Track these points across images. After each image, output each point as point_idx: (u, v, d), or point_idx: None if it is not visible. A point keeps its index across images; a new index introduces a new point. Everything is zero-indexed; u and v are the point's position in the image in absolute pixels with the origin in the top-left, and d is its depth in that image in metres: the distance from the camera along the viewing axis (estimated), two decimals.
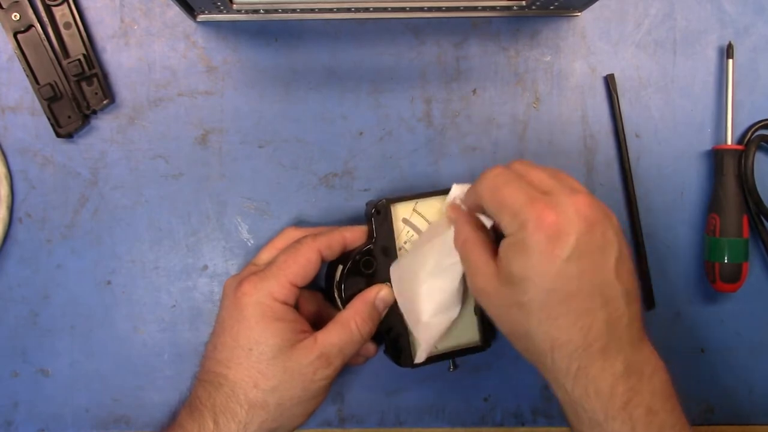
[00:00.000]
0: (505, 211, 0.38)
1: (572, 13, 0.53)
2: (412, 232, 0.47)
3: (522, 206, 0.37)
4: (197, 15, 0.51)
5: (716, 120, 0.54)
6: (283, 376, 0.41)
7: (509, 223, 0.38)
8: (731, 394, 0.54)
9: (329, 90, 0.52)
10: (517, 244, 0.37)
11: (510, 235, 0.38)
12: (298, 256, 0.44)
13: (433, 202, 0.47)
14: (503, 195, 0.39)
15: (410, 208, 0.47)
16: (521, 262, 0.37)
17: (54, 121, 0.50)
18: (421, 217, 0.47)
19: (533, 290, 0.37)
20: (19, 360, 0.52)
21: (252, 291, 0.43)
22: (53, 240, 0.52)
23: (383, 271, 0.46)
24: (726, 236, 0.51)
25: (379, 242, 0.46)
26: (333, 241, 0.45)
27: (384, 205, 0.46)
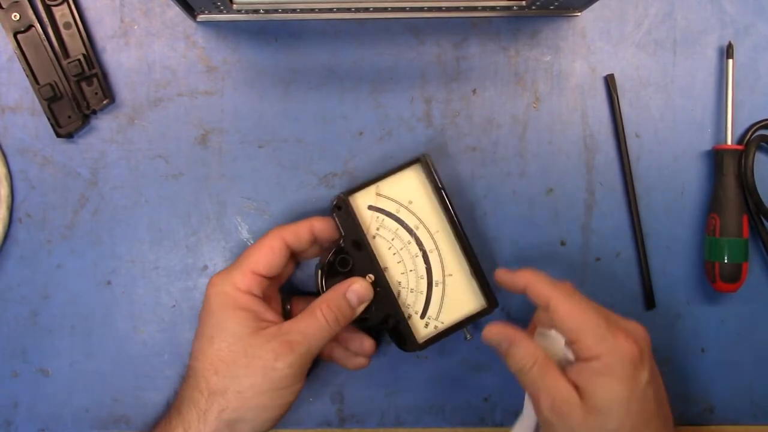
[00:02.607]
0: (588, 335, 0.39)
1: (572, 13, 0.53)
2: (382, 216, 0.47)
3: (606, 332, 0.39)
4: (197, 15, 0.51)
5: (716, 120, 0.54)
6: (242, 361, 0.41)
7: (590, 346, 0.39)
8: (731, 394, 0.54)
9: (329, 90, 0.52)
10: (603, 370, 0.38)
11: (592, 360, 0.39)
12: (262, 246, 0.44)
13: (396, 179, 0.47)
14: (587, 318, 0.39)
15: (373, 194, 0.47)
16: (609, 388, 0.38)
17: (54, 121, 0.50)
18: (386, 199, 0.47)
19: (622, 417, 0.38)
20: (19, 360, 0.52)
21: (217, 282, 0.44)
22: (53, 240, 0.52)
23: (361, 266, 0.46)
24: (726, 236, 0.51)
25: (348, 237, 0.46)
26: (299, 229, 0.45)
27: (343, 199, 0.46)
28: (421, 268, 0.47)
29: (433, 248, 0.47)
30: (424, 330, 0.47)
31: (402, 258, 0.47)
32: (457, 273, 0.47)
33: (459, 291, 0.47)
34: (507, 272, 0.44)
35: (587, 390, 0.39)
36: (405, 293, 0.47)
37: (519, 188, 0.53)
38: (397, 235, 0.47)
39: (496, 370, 0.53)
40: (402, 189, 0.47)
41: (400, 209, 0.47)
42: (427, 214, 0.47)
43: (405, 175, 0.47)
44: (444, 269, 0.47)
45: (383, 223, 0.47)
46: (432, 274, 0.47)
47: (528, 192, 0.53)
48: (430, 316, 0.47)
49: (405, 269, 0.47)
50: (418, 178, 0.48)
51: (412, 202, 0.47)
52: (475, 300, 0.48)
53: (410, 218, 0.47)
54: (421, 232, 0.47)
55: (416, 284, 0.47)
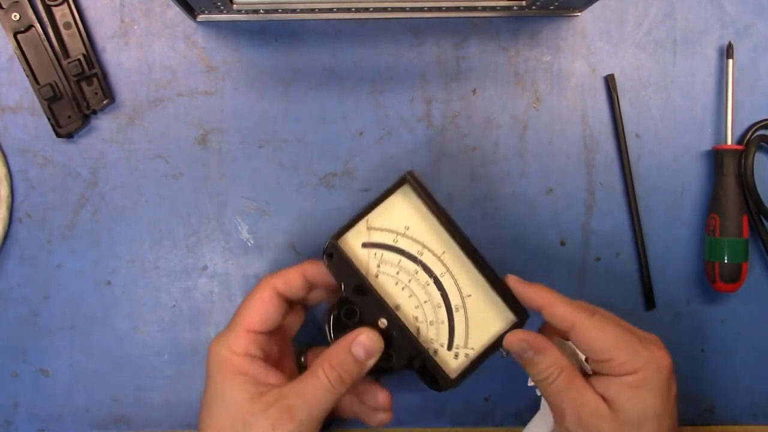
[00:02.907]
0: (621, 353, 0.38)
1: (572, 13, 0.53)
2: (380, 251, 0.42)
3: (639, 346, 0.38)
4: (197, 15, 0.51)
5: (716, 120, 0.54)
6: (241, 431, 0.38)
7: (625, 363, 0.38)
8: (731, 394, 0.54)
9: (329, 90, 0.52)
10: (638, 384, 0.38)
11: (626, 375, 0.38)
12: (252, 300, 0.41)
13: (385, 207, 0.42)
14: (616, 336, 0.38)
15: (364, 230, 0.42)
16: (644, 402, 0.37)
17: (54, 121, 0.50)
18: (380, 231, 0.42)
19: (654, 430, 0.38)
20: (19, 360, 0.52)
21: (214, 346, 0.41)
22: (53, 240, 0.52)
23: (370, 312, 0.41)
24: (726, 236, 0.51)
25: (349, 285, 0.41)
26: (291, 275, 0.42)
27: (332, 245, 0.41)
28: (435, 297, 0.43)
29: (444, 271, 0.43)
30: (455, 362, 0.43)
31: (412, 291, 0.43)
32: (476, 292, 0.43)
33: (483, 311, 0.43)
34: (520, 282, 0.41)
35: (619, 403, 0.38)
36: (425, 328, 0.43)
37: (519, 188, 0.53)
38: (402, 267, 0.43)
39: (496, 370, 0.53)
40: (394, 216, 0.43)
41: (397, 238, 0.43)
42: (428, 236, 0.43)
43: (394, 200, 0.42)
44: (461, 291, 0.43)
45: (383, 258, 0.42)
46: (449, 299, 0.43)
47: (528, 192, 0.53)
48: (457, 345, 0.43)
49: (419, 302, 0.43)
50: (408, 199, 0.43)
51: (408, 227, 0.43)
52: (502, 316, 0.43)
53: (411, 245, 0.43)
54: (427, 257, 0.43)
55: (435, 315, 0.43)
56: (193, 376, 0.53)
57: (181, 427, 0.53)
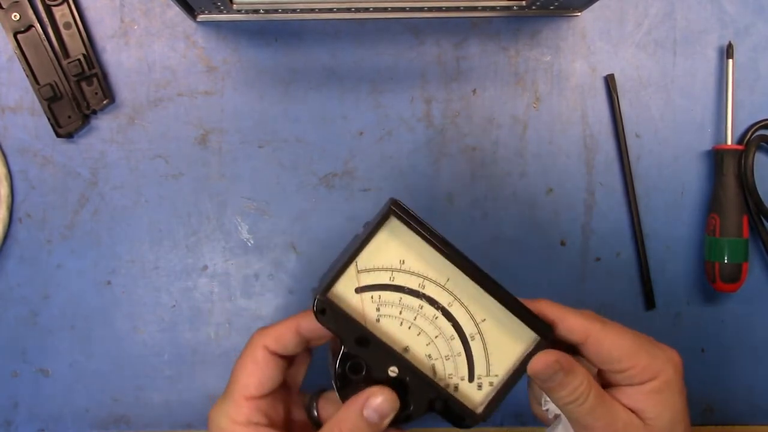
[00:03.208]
0: (641, 358, 0.36)
1: (572, 13, 0.53)
2: (377, 293, 0.38)
3: (655, 348, 0.37)
4: (197, 15, 0.51)
5: (716, 120, 0.54)
6: None
7: (646, 368, 0.36)
8: (731, 394, 0.54)
9: (329, 90, 0.52)
10: (662, 387, 0.36)
11: (649, 381, 0.36)
12: (244, 363, 0.38)
13: (373, 246, 0.38)
14: (633, 342, 0.37)
15: (353, 275, 0.38)
16: (671, 404, 0.36)
17: (54, 121, 0.50)
18: (370, 272, 0.38)
19: (685, 429, 0.37)
20: (19, 360, 0.52)
21: (214, 417, 0.38)
22: (53, 240, 0.52)
23: (377, 362, 0.38)
24: (726, 236, 0.51)
25: (348, 338, 0.37)
26: (282, 332, 0.39)
27: (322, 300, 0.37)
28: (447, 329, 0.39)
29: (451, 300, 0.39)
30: (479, 394, 0.39)
31: (420, 328, 0.39)
32: (490, 315, 0.39)
33: (501, 334, 0.39)
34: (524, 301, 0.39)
35: (649, 412, 0.36)
36: (440, 365, 0.39)
37: (519, 188, 0.53)
38: (404, 305, 0.39)
39: None
40: (385, 252, 0.38)
41: (393, 275, 0.39)
42: (427, 266, 0.39)
43: (381, 237, 0.38)
44: (474, 317, 0.39)
45: (382, 300, 0.38)
46: (462, 329, 0.39)
47: (528, 192, 0.53)
48: (479, 375, 0.39)
49: (429, 338, 0.39)
50: (397, 231, 0.38)
51: (404, 261, 0.39)
52: (523, 336, 0.39)
53: (410, 279, 0.39)
54: (430, 289, 0.39)
55: (449, 348, 0.39)
56: (193, 376, 0.53)
57: (181, 427, 0.53)
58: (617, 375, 0.37)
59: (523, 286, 0.53)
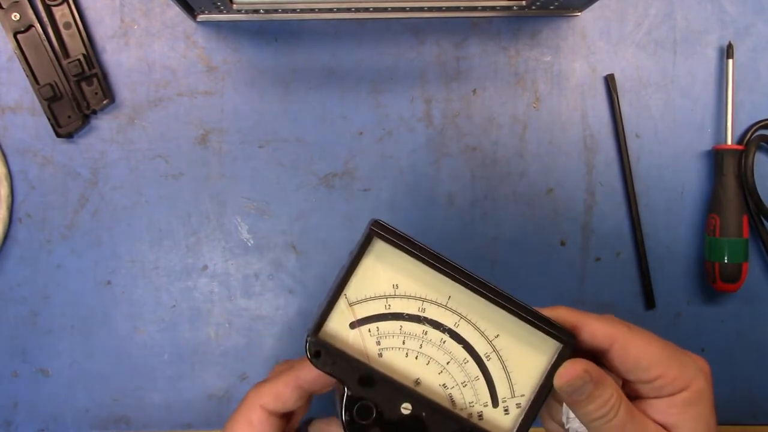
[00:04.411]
0: (672, 367, 0.33)
1: (572, 13, 0.53)
2: (375, 324, 0.35)
3: (684, 356, 0.34)
4: (197, 15, 0.51)
5: (716, 120, 0.54)
6: None
7: (677, 378, 0.33)
8: (731, 394, 0.54)
9: (329, 90, 0.52)
10: (694, 399, 0.34)
11: (680, 392, 0.34)
12: (240, 425, 0.35)
13: (361, 275, 0.35)
14: (661, 349, 0.34)
15: (344, 308, 0.35)
16: (704, 417, 0.34)
17: (54, 121, 0.50)
18: (365, 302, 0.35)
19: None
20: (19, 360, 0.52)
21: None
22: (53, 240, 0.52)
23: (387, 401, 0.34)
24: (726, 236, 0.51)
25: (351, 380, 0.34)
26: (281, 389, 0.36)
27: (314, 341, 0.34)
28: (458, 352, 0.35)
29: (457, 319, 0.36)
30: (507, 419, 0.36)
31: (429, 356, 0.35)
32: (504, 329, 0.35)
33: (519, 348, 0.35)
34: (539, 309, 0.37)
35: (681, 426, 0.33)
36: (458, 393, 0.35)
37: (519, 188, 0.53)
38: (407, 334, 0.35)
39: None
40: (375, 279, 0.35)
41: (389, 302, 0.35)
42: (424, 286, 0.35)
43: (368, 263, 0.35)
44: (485, 335, 0.36)
45: (381, 332, 0.35)
46: (475, 349, 0.36)
47: (528, 192, 0.53)
48: (503, 398, 0.36)
49: (441, 366, 0.35)
50: (383, 254, 0.35)
51: (397, 285, 0.35)
52: (544, 347, 0.35)
53: (408, 304, 0.35)
54: (432, 311, 0.35)
55: (465, 374, 0.36)
56: (193, 376, 0.53)
57: (181, 427, 0.53)
58: (645, 386, 0.34)
59: (523, 286, 0.53)
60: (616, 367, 0.34)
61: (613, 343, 0.34)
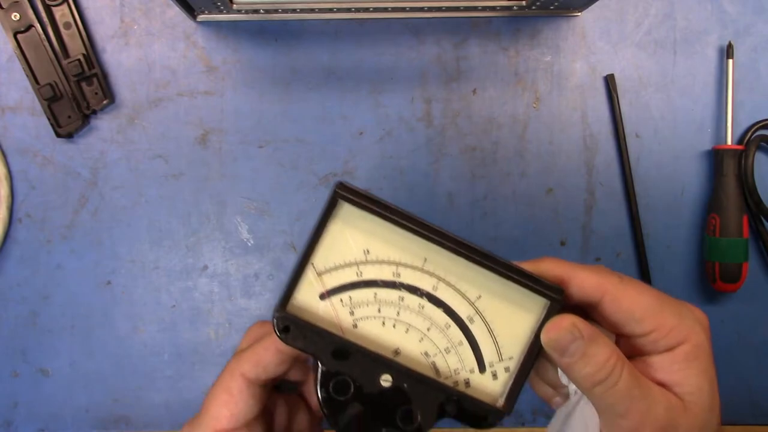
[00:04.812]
0: (667, 318, 0.31)
1: (572, 13, 0.53)
2: (347, 294, 0.33)
3: (681, 307, 0.31)
4: (197, 15, 0.51)
5: (716, 120, 0.54)
6: None
7: (673, 330, 0.31)
8: (731, 394, 0.54)
9: (329, 90, 0.52)
10: (695, 353, 0.31)
11: (679, 345, 0.31)
12: (217, 393, 0.34)
13: (328, 242, 0.33)
14: (656, 300, 0.31)
15: (312, 279, 0.32)
16: (705, 373, 0.31)
17: (54, 121, 0.50)
18: (332, 272, 0.33)
19: (717, 401, 0.31)
20: (19, 360, 0.52)
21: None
22: (53, 240, 0.52)
23: (365, 374, 0.32)
24: (726, 236, 0.51)
25: (324, 354, 0.32)
26: (261, 354, 0.34)
27: (282, 317, 0.32)
28: (438, 317, 0.33)
29: (435, 282, 0.33)
30: (496, 384, 0.34)
31: (408, 323, 0.33)
32: (486, 289, 0.33)
33: (504, 309, 0.33)
34: (526, 264, 0.34)
35: (686, 384, 0.30)
36: (441, 360, 0.33)
37: (519, 188, 0.53)
38: (382, 301, 0.33)
39: None
40: (344, 245, 0.33)
41: (360, 269, 0.33)
42: (397, 249, 0.33)
43: (335, 229, 0.33)
44: (467, 296, 0.34)
45: (354, 301, 0.33)
46: (456, 313, 0.34)
47: (528, 192, 0.53)
48: (491, 363, 0.34)
49: (421, 333, 0.33)
50: (350, 218, 0.33)
51: (368, 250, 0.33)
52: (530, 304, 0.33)
53: (381, 270, 0.33)
54: (407, 275, 0.33)
55: (447, 339, 0.34)
56: (193, 376, 0.53)
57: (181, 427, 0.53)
58: (639, 340, 0.31)
59: None
60: (608, 320, 0.32)
61: (603, 294, 0.31)
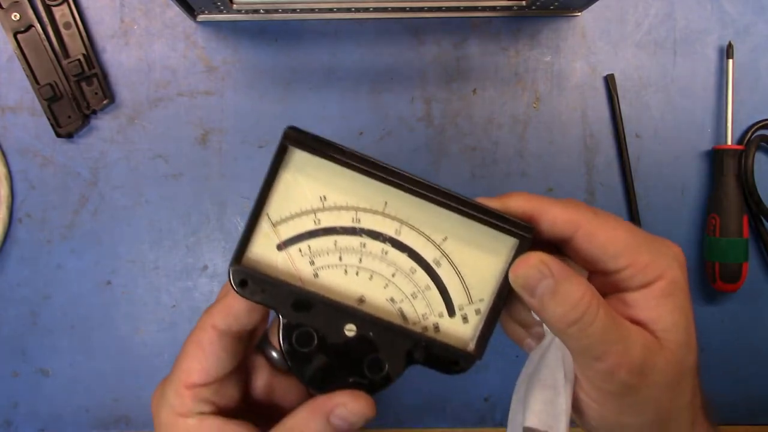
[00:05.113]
0: (643, 253, 0.29)
1: (572, 13, 0.53)
2: (305, 243, 0.32)
3: (657, 243, 0.30)
4: (197, 15, 0.51)
5: (716, 120, 0.54)
6: None
7: (649, 265, 0.29)
8: (731, 394, 0.54)
9: (329, 90, 0.52)
10: (670, 289, 0.29)
11: (655, 282, 0.29)
12: (188, 346, 0.33)
13: (282, 190, 0.32)
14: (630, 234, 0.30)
15: (268, 230, 0.31)
16: (681, 310, 0.29)
17: (54, 121, 0.50)
18: (288, 221, 0.32)
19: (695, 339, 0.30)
20: (19, 360, 0.52)
21: (154, 405, 0.33)
22: (53, 240, 0.52)
23: (329, 325, 0.31)
24: (726, 236, 0.51)
25: (285, 307, 0.31)
26: (231, 301, 0.33)
27: (239, 270, 0.31)
28: (403, 262, 0.32)
29: (398, 226, 0.32)
30: (466, 328, 0.33)
31: (371, 269, 0.32)
32: (452, 230, 0.32)
33: (472, 250, 0.32)
34: (493, 199, 0.32)
35: (662, 321, 0.29)
36: (408, 306, 0.33)
37: (519, 188, 0.53)
38: (342, 249, 0.32)
39: (496, 370, 0.53)
40: (299, 193, 0.32)
41: (318, 217, 0.32)
42: (355, 194, 0.32)
43: (287, 177, 0.32)
44: (431, 239, 0.32)
45: (313, 250, 0.32)
46: (421, 256, 0.32)
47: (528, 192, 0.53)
48: (460, 306, 0.33)
49: (386, 280, 0.32)
50: (303, 165, 0.32)
51: (325, 196, 0.32)
52: (499, 245, 0.32)
53: (340, 216, 0.32)
54: (368, 221, 0.32)
55: (414, 284, 0.32)
56: None
57: None
58: (613, 276, 0.30)
59: None
60: (582, 256, 0.30)
61: (577, 229, 0.30)
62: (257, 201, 0.31)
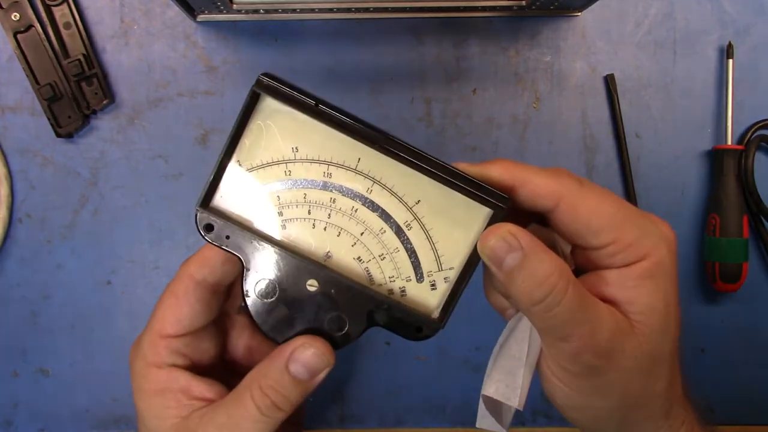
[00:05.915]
0: (628, 230, 0.28)
1: (572, 13, 0.53)
2: (274, 193, 0.31)
3: (644, 220, 0.29)
4: (197, 15, 0.51)
5: (716, 120, 0.54)
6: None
7: (633, 243, 0.28)
8: (731, 394, 0.54)
9: (329, 90, 0.52)
10: (654, 271, 0.28)
11: (638, 261, 0.28)
12: (164, 296, 0.33)
13: (253, 137, 0.31)
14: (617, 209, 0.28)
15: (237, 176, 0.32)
16: (664, 294, 0.28)
17: (54, 121, 0.50)
18: (259, 170, 0.32)
19: (676, 327, 0.29)
20: (19, 360, 0.52)
21: (132, 358, 0.34)
22: (53, 240, 0.52)
23: (292, 278, 0.31)
24: (726, 236, 0.51)
25: (248, 255, 0.31)
26: (207, 251, 0.33)
27: (205, 215, 0.32)
28: (373, 222, 0.31)
29: (370, 184, 0.31)
30: (433, 294, 0.32)
31: (340, 226, 0.31)
32: (426, 194, 0.31)
33: (445, 215, 0.31)
34: (475, 166, 0.30)
35: (636, 303, 0.28)
36: (375, 266, 0.32)
37: None
38: (312, 203, 0.31)
39: None
40: (270, 142, 0.31)
41: (289, 167, 0.31)
42: (328, 147, 0.31)
43: (258, 124, 0.31)
44: (404, 201, 0.31)
45: (282, 201, 0.31)
46: (392, 217, 0.31)
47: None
48: (429, 271, 0.32)
49: (354, 237, 0.31)
50: (277, 114, 0.31)
51: (297, 147, 0.31)
52: (473, 213, 0.31)
53: (311, 169, 0.31)
54: (339, 176, 0.31)
55: (382, 245, 0.31)
56: None
57: None
58: (595, 252, 0.29)
59: None
60: (564, 230, 0.29)
61: (559, 200, 0.28)
62: (226, 146, 0.31)
